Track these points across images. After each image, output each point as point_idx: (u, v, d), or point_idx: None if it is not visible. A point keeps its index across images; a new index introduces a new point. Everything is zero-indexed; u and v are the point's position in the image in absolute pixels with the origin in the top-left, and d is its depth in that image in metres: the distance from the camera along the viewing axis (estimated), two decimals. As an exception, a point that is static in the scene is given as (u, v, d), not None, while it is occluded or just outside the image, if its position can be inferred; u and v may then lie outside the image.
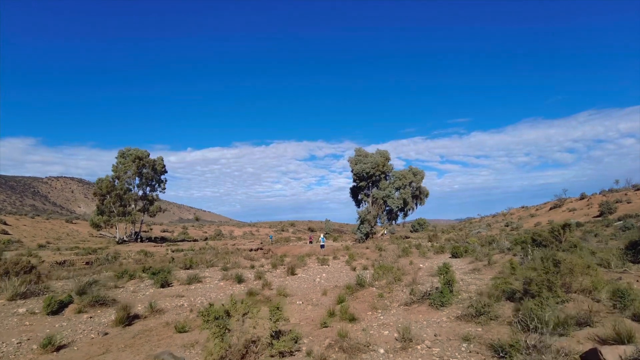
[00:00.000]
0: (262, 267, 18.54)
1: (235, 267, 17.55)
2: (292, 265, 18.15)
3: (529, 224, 46.96)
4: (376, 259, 19.97)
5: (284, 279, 15.22)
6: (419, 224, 53.75)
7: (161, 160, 44.48)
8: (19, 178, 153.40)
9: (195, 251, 28.66)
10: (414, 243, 30.53)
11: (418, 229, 52.74)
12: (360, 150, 45.00)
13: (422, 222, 54.78)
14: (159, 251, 28.49)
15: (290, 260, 19.95)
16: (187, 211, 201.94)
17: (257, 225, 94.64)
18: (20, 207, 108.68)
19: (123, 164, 41.38)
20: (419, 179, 45.66)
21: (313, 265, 19.80)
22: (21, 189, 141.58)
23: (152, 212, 43.39)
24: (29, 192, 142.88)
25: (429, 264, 16.90)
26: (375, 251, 25.36)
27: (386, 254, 21.06)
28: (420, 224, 54.20)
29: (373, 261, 19.06)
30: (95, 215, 39.92)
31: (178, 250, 29.70)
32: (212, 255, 22.81)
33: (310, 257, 24.98)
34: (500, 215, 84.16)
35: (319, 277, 15.65)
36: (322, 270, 17.80)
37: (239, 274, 14.66)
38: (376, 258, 20.52)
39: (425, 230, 53.06)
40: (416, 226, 53.65)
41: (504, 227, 50.70)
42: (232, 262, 18.87)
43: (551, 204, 65.06)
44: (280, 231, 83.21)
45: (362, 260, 20.88)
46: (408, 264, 16.57)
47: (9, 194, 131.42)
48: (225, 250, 31.25)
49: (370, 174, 42.92)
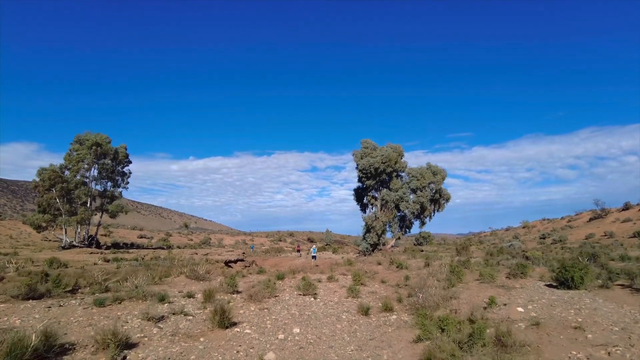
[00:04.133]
0: (189, 296, 10.34)
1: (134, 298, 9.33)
2: (254, 292, 10.07)
3: (574, 236, 38.21)
4: (400, 284, 11.67)
5: (188, 343, 7.02)
6: (423, 237, 44.74)
7: (124, 149, 36.66)
8: (21, 182, 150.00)
9: (138, 262, 20.50)
10: (438, 256, 22.06)
11: (422, 242, 43.78)
12: (367, 142, 36.91)
13: (426, 235, 45.84)
14: (87, 260, 20.36)
15: (254, 287, 11.66)
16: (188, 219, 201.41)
17: (253, 235, 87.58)
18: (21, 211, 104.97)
19: (78, 152, 33.62)
20: (440, 180, 37.23)
21: (290, 293, 11.55)
22: (23, 194, 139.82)
23: (112, 211, 35.36)
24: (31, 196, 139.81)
25: (524, 299, 8.64)
26: (391, 268, 16.99)
27: (414, 274, 12.71)
28: (425, 238, 45.18)
29: (396, 288, 10.79)
30: (37, 214, 31.98)
31: (117, 259, 21.54)
32: (148, 270, 14.60)
33: (295, 275, 16.72)
34: (519, 229, 75.70)
35: (285, 334, 7.43)
36: (301, 307, 9.58)
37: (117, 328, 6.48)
38: (399, 282, 12.20)
39: (430, 244, 44.16)
40: (420, 239, 44.61)
41: (542, 240, 42.06)
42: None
43: (587, 214, 56.43)
44: (278, 241, 75.33)
45: (376, 284, 12.66)
46: (481, 303, 8.31)
47: (9, 198, 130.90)
48: (187, 262, 23.08)
49: (379, 170, 34.69)
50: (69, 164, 33.34)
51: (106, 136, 35.56)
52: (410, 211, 36.08)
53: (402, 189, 36.34)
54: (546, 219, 74.40)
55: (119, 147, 36.40)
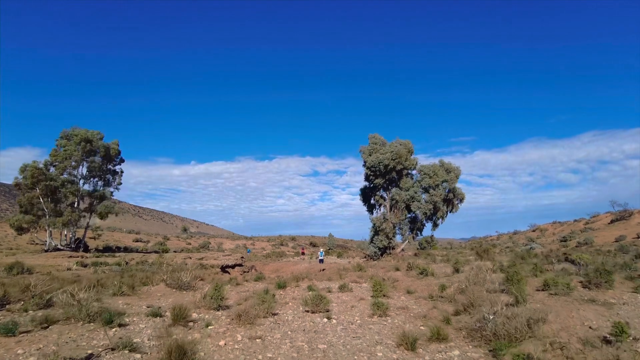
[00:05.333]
0: (155, 315, 7.64)
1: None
2: (244, 309, 7.44)
3: (601, 238, 35.25)
4: (433, 296, 8.98)
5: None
6: (426, 241, 41.53)
7: (116, 146, 34.17)
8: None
9: (120, 267, 17.89)
10: (462, 260, 19.31)
11: (426, 247, 40.59)
12: (375, 137, 34.27)
13: (429, 239, 42.62)
14: (61, 265, 17.76)
15: (248, 300, 8.98)
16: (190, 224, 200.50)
17: (254, 239, 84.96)
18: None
19: (65, 148, 31.15)
20: (454, 178, 34.41)
21: (293, 309, 8.85)
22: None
23: (102, 212, 32.78)
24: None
25: None
26: (410, 274, 14.28)
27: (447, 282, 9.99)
28: (429, 242, 41.97)
29: (432, 301, 8.12)
30: (18, 214, 29.47)
31: (97, 264, 18.93)
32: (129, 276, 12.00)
33: (299, 282, 14.07)
34: (528, 232, 72.78)
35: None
36: (311, 333, 6.90)
37: None
38: (432, 293, 9.51)
39: (434, 248, 41.07)
40: (424, 244, 41.39)
41: (564, 242, 39.14)
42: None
43: (606, 216, 53.39)
44: (279, 245, 72.67)
45: (402, 295, 9.95)
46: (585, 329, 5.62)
47: (12, 202, 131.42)
48: (177, 267, 20.47)
49: (389, 167, 32.00)
50: (55, 161, 30.86)
51: (98, 132, 33.11)
52: (423, 212, 33.31)
53: (413, 188, 33.62)
54: (557, 222, 71.51)
55: (111, 143, 33.91)
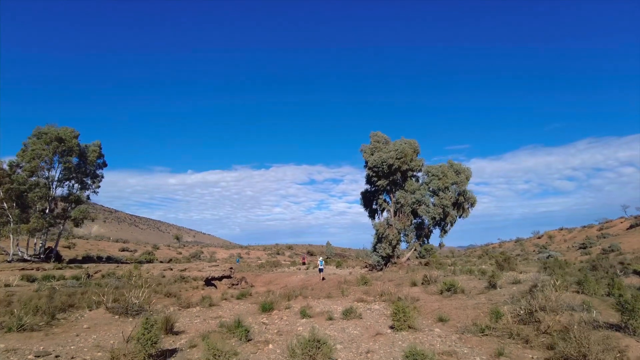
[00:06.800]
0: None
1: None
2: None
3: (626, 245, 32.28)
4: (482, 327, 5.85)
5: None
6: (425, 250, 38.17)
7: (97, 148, 31.06)
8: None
9: (78, 283, 14.71)
10: (481, 270, 16.26)
11: (425, 255, 37.26)
12: (377, 135, 31.33)
13: (429, 247, 39.29)
14: (1, 280, 14.51)
15: (211, 335, 5.89)
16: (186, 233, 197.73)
17: (250, 248, 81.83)
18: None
19: (33, 147, 28.03)
20: (464, 180, 31.34)
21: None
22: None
23: (76, 218, 29.52)
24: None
25: None
26: (429, 290, 11.17)
27: (485, 303, 6.91)
28: (428, 250, 38.63)
29: (487, 336, 5.04)
30: (-21, 220, 26.19)
31: (49, 278, 15.70)
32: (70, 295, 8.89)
33: (291, 301, 10.93)
34: (533, 239, 70.29)
35: None
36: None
37: None
38: (476, 320, 6.40)
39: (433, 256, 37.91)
40: (423, 252, 38.02)
41: (583, 249, 36.11)
42: None
43: (622, 221, 50.80)
44: (275, 255, 69.35)
45: (435, 325, 6.86)
46: None
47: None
48: (152, 282, 17.28)
49: (394, 167, 28.98)
50: (22, 161, 27.71)
51: (72, 130, 30.01)
52: (431, 217, 30.17)
53: (419, 191, 30.58)
54: (565, 228, 69.21)
55: (91, 144, 30.82)
